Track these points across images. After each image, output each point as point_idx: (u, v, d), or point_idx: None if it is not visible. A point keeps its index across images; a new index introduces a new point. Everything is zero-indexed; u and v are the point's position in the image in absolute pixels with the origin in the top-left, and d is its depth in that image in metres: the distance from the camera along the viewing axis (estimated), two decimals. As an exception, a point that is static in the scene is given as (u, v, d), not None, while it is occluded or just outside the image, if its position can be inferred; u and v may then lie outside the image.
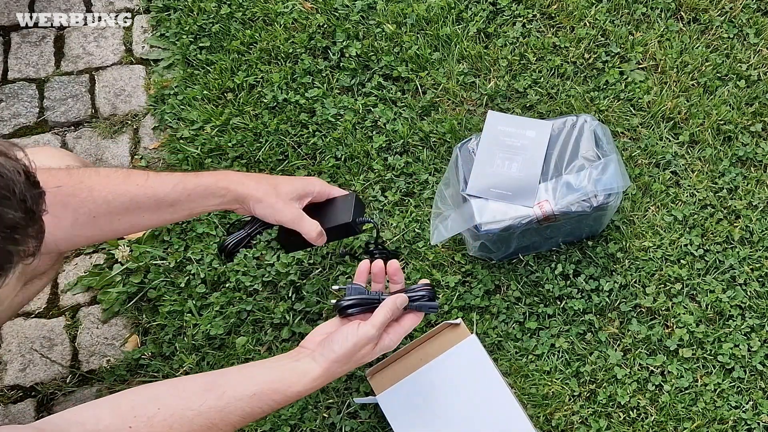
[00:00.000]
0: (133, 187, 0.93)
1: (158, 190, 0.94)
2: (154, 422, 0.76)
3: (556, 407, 1.19)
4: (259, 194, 1.01)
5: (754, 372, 1.21)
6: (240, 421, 0.85)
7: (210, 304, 1.30)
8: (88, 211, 0.89)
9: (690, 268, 1.28)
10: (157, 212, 0.96)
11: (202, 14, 1.58)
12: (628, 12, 1.53)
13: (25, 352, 1.30)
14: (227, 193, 1.00)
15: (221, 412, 0.82)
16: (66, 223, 0.88)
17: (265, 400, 0.86)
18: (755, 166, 1.37)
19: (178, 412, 0.79)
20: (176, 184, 0.96)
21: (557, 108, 1.42)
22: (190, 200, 0.98)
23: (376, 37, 1.52)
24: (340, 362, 0.91)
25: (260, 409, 0.86)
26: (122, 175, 0.93)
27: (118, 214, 0.92)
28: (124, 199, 0.92)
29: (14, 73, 1.56)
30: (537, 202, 1.16)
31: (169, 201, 0.96)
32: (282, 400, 0.88)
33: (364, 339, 0.92)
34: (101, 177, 0.91)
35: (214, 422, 0.81)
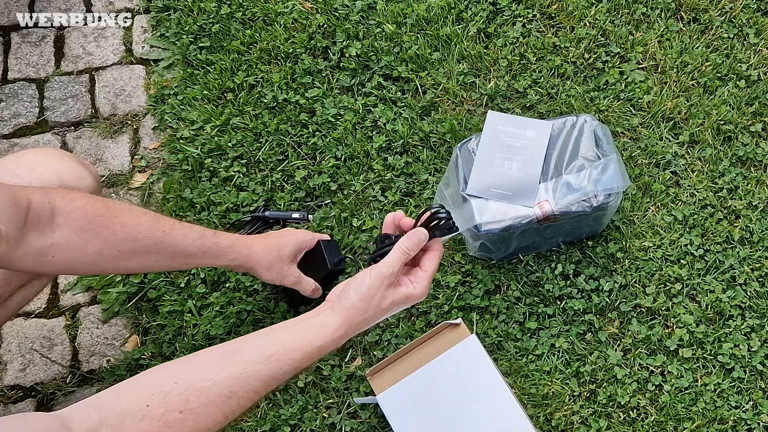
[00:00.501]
0: (159, 233, 0.99)
1: (179, 242, 1.02)
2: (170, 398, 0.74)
3: (556, 407, 1.19)
4: (266, 263, 1.14)
5: (754, 372, 1.21)
6: (262, 386, 0.80)
7: (210, 304, 1.30)
8: (115, 245, 0.94)
9: (690, 268, 1.28)
10: (172, 260, 1.02)
11: (202, 14, 1.58)
12: (628, 12, 1.53)
13: (25, 352, 1.30)
14: (237, 259, 1.10)
15: (238, 379, 0.78)
16: (92, 250, 0.92)
17: (285, 360, 0.81)
18: (755, 166, 1.37)
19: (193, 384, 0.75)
20: (196, 239, 1.04)
21: (557, 108, 1.42)
22: (203, 257, 1.05)
23: (376, 37, 1.52)
24: (358, 309, 0.85)
25: (281, 370, 0.81)
26: (152, 218, 1.00)
27: (139, 255, 0.98)
28: (149, 243, 0.98)
29: (14, 73, 1.56)
30: (537, 202, 1.16)
31: (186, 253, 1.03)
32: (302, 358, 0.82)
33: (378, 279, 0.86)
34: (134, 217, 0.97)
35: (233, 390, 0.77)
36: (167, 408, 0.73)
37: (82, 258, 0.92)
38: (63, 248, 0.89)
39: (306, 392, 1.22)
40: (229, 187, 1.40)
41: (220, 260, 1.08)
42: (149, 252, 0.99)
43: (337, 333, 0.84)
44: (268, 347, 0.81)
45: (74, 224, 0.90)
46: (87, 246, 0.92)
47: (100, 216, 0.92)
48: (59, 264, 0.90)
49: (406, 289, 0.89)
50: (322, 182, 1.39)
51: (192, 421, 0.74)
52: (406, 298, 0.88)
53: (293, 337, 0.83)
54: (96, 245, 0.92)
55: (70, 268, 0.94)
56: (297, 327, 0.84)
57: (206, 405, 0.75)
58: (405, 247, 0.87)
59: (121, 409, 0.71)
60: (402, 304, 0.89)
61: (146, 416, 0.71)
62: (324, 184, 1.39)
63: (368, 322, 0.87)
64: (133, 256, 0.97)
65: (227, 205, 1.38)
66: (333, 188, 1.38)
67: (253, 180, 1.40)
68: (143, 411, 0.71)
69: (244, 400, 0.79)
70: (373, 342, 1.26)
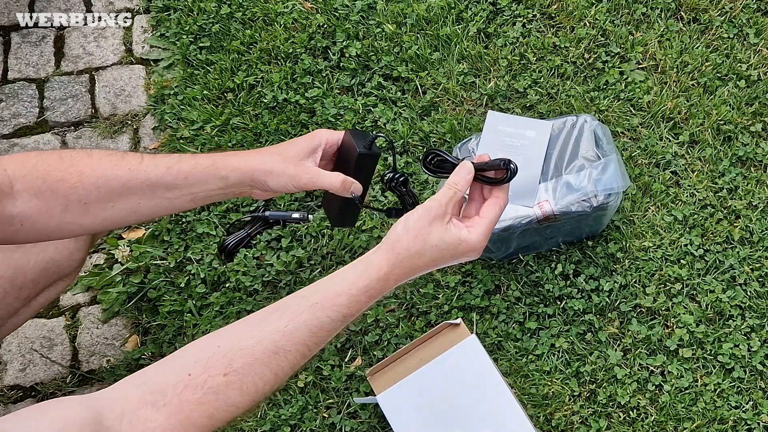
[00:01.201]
0: (125, 171, 0.86)
1: (151, 174, 0.87)
2: (212, 362, 0.69)
3: (556, 407, 1.19)
4: (267, 165, 0.91)
5: (754, 372, 1.21)
6: (310, 338, 0.74)
7: (210, 304, 1.30)
8: (79, 198, 0.84)
9: (690, 268, 1.28)
10: (154, 198, 0.88)
11: (202, 14, 1.58)
12: (628, 12, 1.53)
13: (25, 352, 1.30)
14: (230, 174, 0.91)
15: (283, 332, 0.72)
16: (57, 210, 0.83)
17: (330, 307, 0.75)
18: (755, 166, 1.37)
19: (236, 344, 0.71)
20: (171, 166, 0.88)
21: (557, 108, 1.42)
22: (188, 184, 0.89)
23: (376, 37, 1.52)
24: (403, 241, 0.78)
25: (328, 318, 0.75)
26: (116, 158, 0.87)
27: (111, 201, 0.86)
28: (116, 185, 0.85)
29: (14, 73, 1.56)
30: (537, 202, 1.16)
31: (165, 185, 0.88)
32: (349, 303, 0.76)
33: (424, 211, 0.78)
34: (93, 160, 0.85)
35: (279, 345, 0.72)
36: (210, 373, 0.68)
37: (51, 221, 0.84)
38: (28, 215, 0.82)
39: (306, 392, 1.22)
40: (229, 187, 1.40)
41: (210, 184, 0.90)
42: (121, 195, 0.86)
43: (383, 269, 0.77)
44: (312, 295, 0.76)
45: (31, 187, 0.81)
46: (50, 207, 0.83)
47: (53, 171, 0.83)
48: (31, 231, 0.83)
49: (459, 231, 0.80)
50: (322, 182, 1.38)
51: (238, 383, 0.70)
52: (459, 241, 0.80)
53: (336, 282, 0.77)
54: (59, 203, 0.83)
55: (44, 233, 0.85)
56: (341, 272, 0.78)
57: (251, 364, 0.71)
58: (452, 183, 0.81)
59: (162, 382, 0.67)
60: (459, 251, 0.80)
61: (188, 385, 0.67)
62: (324, 184, 1.39)
63: (417, 260, 0.79)
64: (106, 205, 0.86)
65: (227, 205, 1.38)
66: (333, 188, 1.38)
67: (253, 180, 1.40)
68: (185, 380, 0.68)
69: (292, 355, 0.73)
70: (373, 342, 1.26)
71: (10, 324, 1.02)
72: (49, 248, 1.00)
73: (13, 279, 0.97)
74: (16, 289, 0.98)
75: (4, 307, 0.98)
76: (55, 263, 1.01)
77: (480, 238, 0.81)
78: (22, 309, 1.02)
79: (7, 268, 0.97)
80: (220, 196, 0.93)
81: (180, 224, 1.37)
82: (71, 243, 1.03)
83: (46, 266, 1.00)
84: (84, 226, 0.87)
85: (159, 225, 1.37)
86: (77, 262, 1.05)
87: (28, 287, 0.99)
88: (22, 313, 1.03)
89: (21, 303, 1.00)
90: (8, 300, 0.98)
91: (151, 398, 0.66)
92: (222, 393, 0.69)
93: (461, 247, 0.80)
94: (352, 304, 0.76)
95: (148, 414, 0.65)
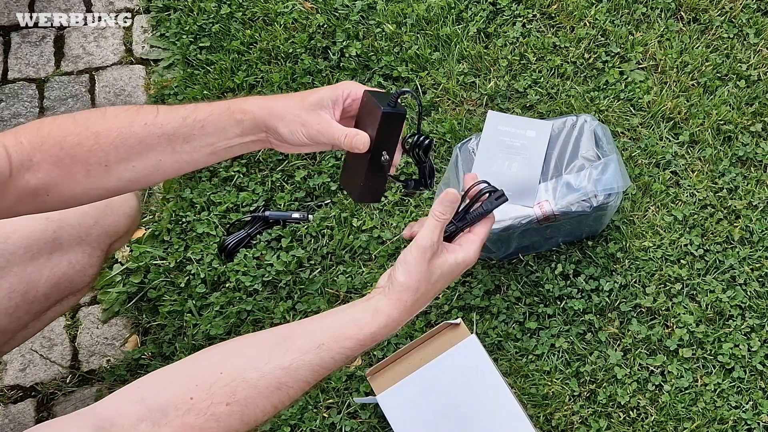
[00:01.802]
0: (140, 127, 0.82)
1: (167, 127, 0.83)
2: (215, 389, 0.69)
3: (556, 407, 1.19)
4: (280, 110, 0.85)
5: (754, 372, 1.21)
6: (313, 376, 0.75)
7: (210, 304, 1.30)
8: (98, 160, 0.81)
9: (690, 268, 1.28)
10: (173, 153, 0.84)
11: (202, 14, 1.58)
12: (628, 12, 1.53)
13: (25, 352, 1.30)
14: (245, 118, 0.85)
15: (287, 369, 0.73)
16: (80, 176, 0.81)
17: (336, 349, 0.76)
18: (755, 166, 1.37)
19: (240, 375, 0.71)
20: (186, 116, 0.84)
21: (557, 108, 1.42)
22: (205, 133, 0.85)
23: (376, 37, 1.52)
24: (409, 289, 0.79)
25: (332, 359, 0.76)
26: (131, 114, 0.83)
27: (131, 160, 0.82)
28: (133, 142, 0.82)
29: (14, 73, 1.56)
30: (537, 202, 1.16)
31: (182, 136, 0.84)
32: (355, 347, 0.77)
33: (419, 253, 0.79)
34: (107, 120, 0.82)
35: (283, 381, 0.73)
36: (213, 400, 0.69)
37: (76, 187, 0.81)
38: (52, 184, 0.80)
39: (306, 392, 1.22)
40: (229, 187, 1.40)
41: (227, 131, 0.85)
42: (140, 153, 0.83)
43: (391, 317, 0.79)
44: (319, 335, 0.76)
45: (49, 156, 0.79)
46: (72, 173, 0.80)
47: (68, 135, 0.80)
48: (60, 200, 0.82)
49: (455, 255, 0.82)
50: (322, 182, 1.39)
51: (239, 413, 0.70)
52: (457, 264, 0.82)
53: (345, 325, 0.77)
54: (80, 168, 0.81)
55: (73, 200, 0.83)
56: (349, 313, 0.79)
57: (255, 397, 0.71)
58: (438, 212, 0.81)
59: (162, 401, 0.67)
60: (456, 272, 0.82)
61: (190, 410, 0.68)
62: (324, 184, 1.39)
63: (423, 299, 0.81)
64: (127, 165, 0.82)
65: (227, 205, 1.38)
66: (333, 188, 1.38)
67: (253, 180, 1.40)
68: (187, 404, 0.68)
69: (293, 391, 0.74)
70: (373, 342, 1.26)
71: (19, 337, 1.02)
72: (62, 263, 1.00)
73: (25, 293, 0.97)
74: (27, 303, 0.97)
75: (15, 321, 0.98)
76: (68, 278, 1.01)
77: (475, 254, 0.83)
78: (31, 323, 1.01)
79: (20, 282, 0.96)
80: (240, 147, 0.88)
81: (180, 224, 1.37)
82: (84, 258, 1.02)
83: (58, 281, 1.00)
84: (110, 188, 0.84)
85: (159, 225, 1.37)
86: (89, 278, 1.04)
87: (39, 301, 0.99)
88: (31, 326, 1.02)
89: (31, 317, 1.00)
90: (19, 314, 0.97)
91: (150, 415, 0.66)
92: (223, 421, 0.69)
93: (459, 268, 0.82)
94: (357, 347, 0.77)
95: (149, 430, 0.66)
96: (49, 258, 0.98)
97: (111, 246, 1.08)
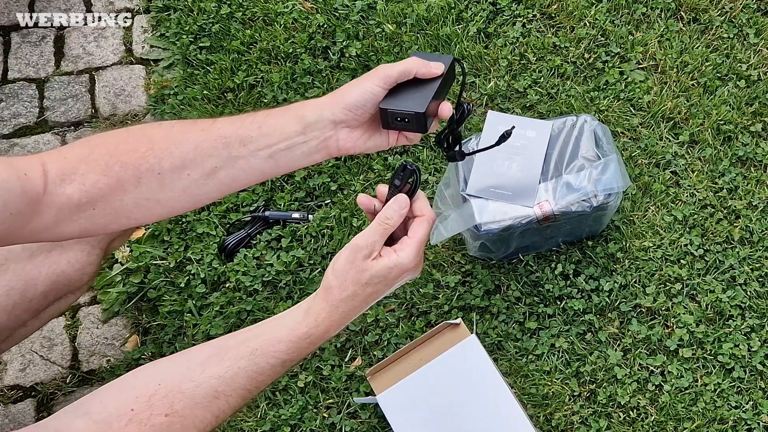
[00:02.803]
0: (197, 132, 0.79)
1: (224, 130, 0.80)
2: (154, 401, 0.70)
3: (556, 407, 1.19)
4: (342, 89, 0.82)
5: (754, 372, 1.21)
6: (250, 383, 0.75)
7: (210, 304, 1.30)
8: (151, 167, 0.77)
9: (690, 268, 1.28)
10: (229, 158, 0.80)
11: (202, 14, 1.58)
12: (628, 12, 1.53)
13: (25, 352, 1.30)
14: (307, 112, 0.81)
15: (222, 378, 0.73)
16: (129, 185, 0.77)
17: (270, 353, 0.75)
18: (755, 166, 1.37)
19: (176, 387, 0.72)
20: (244, 119, 0.81)
21: (557, 108, 1.42)
22: (263, 133, 0.80)
23: (376, 37, 1.52)
24: (335, 287, 0.77)
25: (268, 364, 0.75)
26: (188, 123, 0.81)
27: (185, 167, 0.78)
28: (188, 147, 0.78)
29: (14, 73, 1.56)
30: (537, 202, 1.16)
31: (239, 138, 0.79)
32: (289, 350, 0.76)
33: (350, 252, 0.77)
34: (163, 128, 0.80)
35: (219, 390, 0.73)
36: (152, 411, 0.70)
37: (126, 198, 0.77)
38: (99, 196, 0.76)
39: (306, 392, 1.22)
40: (229, 187, 1.40)
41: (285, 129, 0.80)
42: (195, 160, 0.78)
43: (320, 317, 0.77)
44: (251, 341, 0.76)
45: (97, 165, 0.76)
46: (122, 182, 0.76)
47: (121, 143, 0.77)
48: (103, 215, 0.77)
49: (389, 259, 0.78)
50: (322, 182, 1.39)
51: (179, 424, 0.71)
52: (390, 268, 0.78)
53: (277, 328, 0.77)
54: (131, 176, 0.77)
55: (123, 214, 0.78)
56: (281, 317, 0.78)
57: (192, 407, 0.72)
58: (385, 218, 0.79)
59: (106, 413, 0.69)
60: (391, 277, 0.79)
61: (132, 420, 0.69)
62: (324, 184, 1.39)
63: (354, 301, 0.78)
64: (181, 173, 0.78)
65: (227, 205, 1.38)
66: (333, 188, 1.38)
67: (253, 180, 1.40)
68: (128, 415, 0.69)
69: (233, 399, 0.74)
70: (373, 342, 1.26)
71: (18, 335, 1.02)
72: (61, 262, 1.00)
73: (23, 291, 0.97)
74: (26, 301, 0.98)
75: (14, 319, 0.98)
76: (66, 277, 1.01)
77: (411, 258, 0.79)
78: (30, 321, 1.01)
79: (18, 280, 0.96)
80: (304, 154, 0.82)
81: (180, 224, 1.37)
82: (83, 256, 1.02)
83: (57, 279, 1.00)
84: (162, 202, 0.80)
85: (159, 225, 1.37)
86: (88, 276, 1.04)
87: (38, 299, 0.99)
88: (30, 324, 1.02)
89: (30, 315, 1.00)
90: (18, 312, 0.98)
91: (95, 428, 0.67)
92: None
93: (393, 273, 0.79)
94: (291, 350, 0.76)
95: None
96: (47, 256, 0.98)
97: (110, 245, 1.08)
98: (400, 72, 0.81)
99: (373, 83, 0.80)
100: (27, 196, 0.73)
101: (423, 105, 0.81)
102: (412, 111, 0.80)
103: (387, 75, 0.80)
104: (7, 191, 0.71)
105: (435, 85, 0.83)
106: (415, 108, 0.80)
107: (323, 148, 0.82)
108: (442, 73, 0.84)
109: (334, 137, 0.82)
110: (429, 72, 0.83)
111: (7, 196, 0.71)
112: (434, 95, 0.82)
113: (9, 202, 0.71)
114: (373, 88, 0.80)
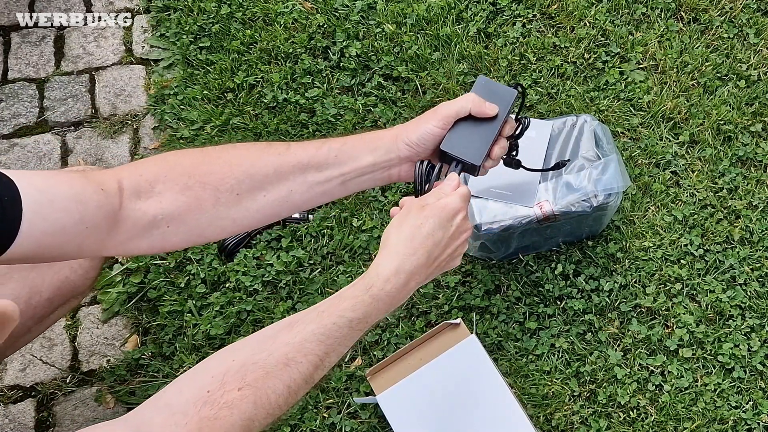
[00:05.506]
0: (275, 156, 0.84)
1: (301, 156, 0.85)
2: (227, 378, 0.69)
3: (556, 407, 1.19)
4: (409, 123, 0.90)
5: (754, 372, 1.21)
6: (318, 347, 0.74)
7: (210, 304, 1.30)
8: (231, 188, 0.81)
9: (690, 268, 1.28)
10: (304, 183, 0.85)
11: (202, 14, 1.58)
12: (628, 12, 1.53)
13: (25, 352, 1.30)
14: (379, 143, 0.88)
15: (291, 344, 0.73)
16: (208, 204, 0.80)
17: (334, 312, 0.75)
18: (755, 166, 1.37)
19: (249, 359, 0.71)
20: (319, 147, 0.86)
21: (557, 108, 1.42)
22: (338, 162, 0.86)
23: (376, 37, 1.52)
24: (395, 233, 0.79)
25: (334, 324, 0.74)
26: (262, 146, 0.85)
27: (263, 189, 0.83)
28: (268, 170, 0.82)
29: (14, 73, 1.56)
30: (537, 202, 1.16)
31: (316, 165, 0.85)
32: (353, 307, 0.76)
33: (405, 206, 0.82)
34: (239, 151, 0.83)
35: (290, 357, 0.72)
36: (225, 389, 0.69)
37: (202, 217, 0.80)
38: (175, 214, 0.78)
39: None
40: (229, 187, 1.40)
41: (359, 159, 0.87)
42: (273, 182, 0.83)
43: (380, 265, 0.78)
44: (320, 306, 0.76)
45: (175, 184, 0.78)
46: (200, 201, 0.79)
47: (199, 164, 0.80)
48: (177, 233, 0.79)
49: (438, 200, 0.82)
50: (322, 182, 1.38)
51: (252, 396, 0.70)
52: (437, 206, 0.82)
53: (344, 291, 0.77)
54: (209, 196, 0.80)
55: (195, 232, 0.81)
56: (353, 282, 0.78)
57: (264, 377, 0.71)
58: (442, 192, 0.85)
59: (183, 401, 0.68)
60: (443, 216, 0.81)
61: (207, 402, 0.68)
62: (324, 184, 1.39)
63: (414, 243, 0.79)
64: (258, 194, 0.83)
65: (227, 205, 1.37)
66: (333, 188, 1.38)
67: (253, 180, 1.40)
68: (204, 398, 0.68)
69: (304, 366, 0.73)
70: (373, 342, 1.26)
71: (22, 341, 1.02)
72: (64, 268, 1.00)
73: (28, 299, 0.97)
74: (31, 308, 0.97)
75: (19, 326, 0.97)
76: (70, 282, 1.00)
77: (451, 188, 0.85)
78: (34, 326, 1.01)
79: (23, 288, 0.96)
80: (369, 180, 0.90)
81: (180, 224, 1.37)
82: (86, 262, 1.02)
83: (61, 285, 1.00)
84: (236, 219, 0.83)
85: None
86: (91, 281, 1.04)
87: (42, 306, 0.99)
88: (34, 330, 1.02)
89: (34, 321, 1.00)
90: (23, 319, 0.97)
91: (173, 420, 0.67)
92: (236, 407, 0.69)
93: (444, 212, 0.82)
94: (357, 306, 0.76)
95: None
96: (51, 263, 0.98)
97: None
98: (457, 112, 0.89)
99: (432, 124, 0.88)
100: (103, 210, 0.73)
101: (479, 157, 0.89)
102: (469, 162, 0.89)
103: (446, 116, 0.88)
104: (83, 204, 0.71)
105: (495, 130, 0.91)
106: (472, 159, 0.89)
107: (387, 177, 0.91)
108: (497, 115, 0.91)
109: (397, 168, 0.91)
110: (482, 112, 0.90)
111: (84, 209, 0.71)
112: (493, 141, 0.91)
113: (86, 216, 0.71)
114: (433, 129, 0.88)
